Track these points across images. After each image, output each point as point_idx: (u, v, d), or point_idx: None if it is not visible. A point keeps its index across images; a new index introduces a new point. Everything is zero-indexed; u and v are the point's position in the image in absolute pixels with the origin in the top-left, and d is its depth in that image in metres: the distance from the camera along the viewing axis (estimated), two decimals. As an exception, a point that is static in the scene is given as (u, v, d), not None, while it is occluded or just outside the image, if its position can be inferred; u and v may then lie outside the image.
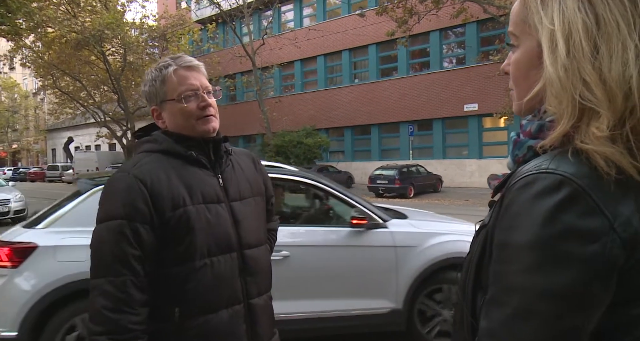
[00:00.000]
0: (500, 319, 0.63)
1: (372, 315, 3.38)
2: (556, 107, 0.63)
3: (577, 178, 0.60)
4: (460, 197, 15.78)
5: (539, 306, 0.59)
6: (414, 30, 16.76)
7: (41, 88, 32.68)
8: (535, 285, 0.60)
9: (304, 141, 21.30)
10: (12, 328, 2.88)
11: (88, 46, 22.20)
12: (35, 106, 46.80)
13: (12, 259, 2.98)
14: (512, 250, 0.62)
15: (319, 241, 3.43)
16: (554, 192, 0.60)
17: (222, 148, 1.36)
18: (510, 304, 0.62)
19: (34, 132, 47.85)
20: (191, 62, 1.33)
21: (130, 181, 1.20)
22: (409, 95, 21.23)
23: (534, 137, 0.71)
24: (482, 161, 19.55)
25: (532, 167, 0.64)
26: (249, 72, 24.10)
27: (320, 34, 23.32)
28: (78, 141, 38.54)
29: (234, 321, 1.27)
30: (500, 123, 18.69)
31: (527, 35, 0.70)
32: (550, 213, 0.59)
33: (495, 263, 0.66)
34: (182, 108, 1.29)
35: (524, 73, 0.72)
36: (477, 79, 18.81)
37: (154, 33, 24.51)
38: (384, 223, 3.46)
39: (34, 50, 24.04)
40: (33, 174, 36.34)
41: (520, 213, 0.62)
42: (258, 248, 1.37)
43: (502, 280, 0.64)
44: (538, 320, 0.59)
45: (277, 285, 3.20)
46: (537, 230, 0.60)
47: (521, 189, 0.63)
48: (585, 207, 0.59)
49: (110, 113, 27.39)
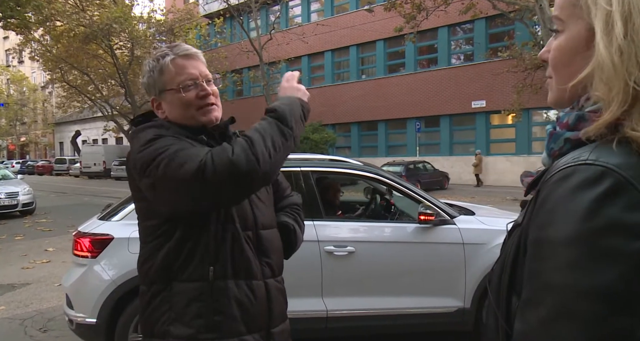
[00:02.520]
0: (536, 321, 0.58)
1: (438, 314, 3.29)
2: (605, 94, 0.59)
3: (620, 169, 0.56)
4: (467, 194, 15.70)
5: (579, 307, 0.54)
6: (422, 26, 16.62)
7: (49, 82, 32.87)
8: (575, 283, 0.54)
9: (310, 137, 21.27)
10: (92, 315, 3.01)
11: (96, 40, 22.27)
12: (43, 99, 47.05)
13: (91, 250, 3.13)
14: (549, 246, 0.58)
15: (385, 237, 3.37)
16: (596, 184, 0.56)
17: (229, 131, 1.35)
18: (547, 304, 0.57)
19: (42, 126, 48.13)
20: (189, 51, 1.30)
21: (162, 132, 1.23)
22: (417, 91, 21.12)
23: (572, 129, 0.66)
24: (489, 158, 19.43)
25: (570, 159, 0.61)
26: (256, 67, 24.06)
27: (328, 29, 23.21)
28: (85, 135, 38.73)
29: (259, 294, 1.29)
30: (507, 121, 18.55)
31: (575, 19, 0.66)
32: (592, 206, 0.55)
33: (530, 262, 0.61)
34: (181, 99, 1.26)
35: (567, 59, 0.68)
36: (485, 76, 18.66)
37: (161, 27, 24.53)
38: (452, 219, 3.35)
39: (43, 43, 24.15)
40: (41, 167, 36.62)
41: (557, 207, 0.58)
42: (271, 229, 1.37)
43: (538, 278, 0.59)
44: (578, 322, 0.54)
45: (341, 280, 3.25)
46: (577, 225, 0.55)
47: (558, 182, 0.59)
48: (631, 199, 0.54)
49: (117, 107, 27.48)
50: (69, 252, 7.19)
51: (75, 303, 3.14)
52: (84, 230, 3.25)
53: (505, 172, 18.67)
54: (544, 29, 11.48)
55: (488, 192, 16.06)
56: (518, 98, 15.48)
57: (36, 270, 6.11)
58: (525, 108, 16.65)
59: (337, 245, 3.21)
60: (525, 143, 18.41)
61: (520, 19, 14.63)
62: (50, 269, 6.15)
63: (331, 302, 3.20)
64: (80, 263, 3.19)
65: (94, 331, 3.03)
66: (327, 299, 3.20)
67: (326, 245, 3.18)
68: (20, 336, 3.90)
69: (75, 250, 3.22)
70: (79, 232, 3.27)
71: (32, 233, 9.02)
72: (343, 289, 3.25)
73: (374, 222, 3.81)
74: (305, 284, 3.17)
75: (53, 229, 9.47)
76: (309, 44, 23.35)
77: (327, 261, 3.18)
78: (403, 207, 3.91)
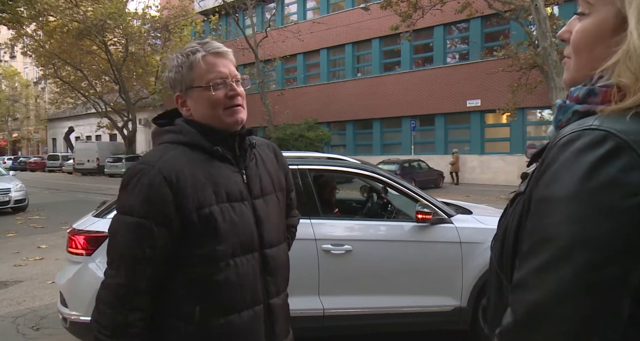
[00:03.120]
0: (533, 268, 0.62)
1: (435, 313, 3.29)
2: (632, 82, 0.61)
3: (621, 133, 0.59)
4: (461, 193, 15.75)
5: (574, 256, 0.58)
6: (418, 25, 16.65)
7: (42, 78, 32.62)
8: (572, 235, 0.59)
9: (305, 134, 21.25)
10: (86, 313, 2.96)
11: (90, 36, 22.13)
12: (36, 95, 46.68)
13: (86, 247, 3.09)
14: (552, 203, 0.62)
15: (383, 235, 3.35)
16: (598, 146, 0.59)
17: (247, 142, 1.31)
18: (545, 253, 0.61)
19: (34, 122, 47.76)
20: (220, 48, 1.27)
21: (155, 178, 1.14)
22: (412, 90, 21.14)
23: (581, 102, 0.68)
24: (483, 157, 19.50)
25: (576, 125, 0.64)
26: (251, 65, 23.98)
27: (324, 27, 23.17)
28: (79, 131, 38.47)
29: (254, 322, 1.23)
30: (502, 120, 18.62)
31: (605, 4, 0.67)
32: (593, 166, 0.59)
33: (533, 218, 0.65)
34: (209, 97, 1.23)
35: (590, 44, 0.69)
36: (480, 75, 18.71)
37: (156, 24, 24.42)
38: (449, 218, 3.34)
39: (35, 39, 23.95)
40: (33, 163, 36.33)
41: (561, 168, 0.62)
42: (278, 246, 1.32)
43: (539, 232, 0.63)
44: (573, 269, 0.58)
45: (339, 279, 3.23)
46: (578, 183, 0.59)
47: (564, 146, 0.63)
48: (629, 160, 0.58)
49: (111, 104, 27.32)
50: (62, 249, 7.13)
51: (69, 301, 3.10)
52: (79, 228, 3.21)
53: (499, 171, 18.75)
54: (539, 28, 11.52)
55: (482, 190, 16.12)
56: (513, 97, 15.54)
57: (29, 268, 6.05)
58: (520, 108, 16.73)
59: (335, 244, 3.20)
60: (519, 142, 18.49)
61: (515, 19, 14.68)
62: (43, 266, 6.10)
63: (328, 301, 3.19)
64: (75, 260, 3.15)
65: (88, 330, 2.99)
66: (324, 298, 3.19)
67: (323, 244, 3.17)
68: (13, 334, 3.86)
69: (69, 247, 3.18)
70: (73, 229, 3.23)
71: (24, 230, 8.94)
72: (340, 288, 3.25)
73: (372, 220, 3.79)
74: (302, 283, 3.15)
75: (46, 226, 9.39)
76: (304, 42, 23.31)
77: (324, 259, 3.17)
78: (400, 206, 3.90)
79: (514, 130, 18.61)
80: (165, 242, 1.14)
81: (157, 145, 1.27)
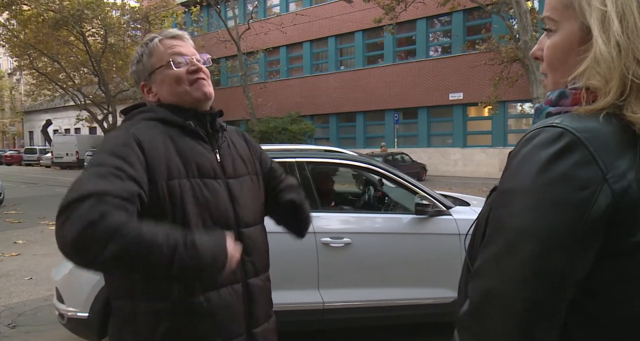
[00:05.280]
0: (487, 257, 0.67)
1: (434, 305, 3.29)
2: (602, 85, 0.66)
3: (577, 131, 0.63)
4: (444, 185, 15.90)
5: (523, 245, 0.63)
6: (401, 18, 16.66)
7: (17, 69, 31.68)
8: (523, 225, 0.63)
9: (288, 127, 21.17)
10: (83, 309, 2.93)
11: (67, 26, 21.55)
12: (10, 87, 45.37)
13: None
14: (510, 195, 0.67)
15: (382, 228, 3.34)
16: (554, 143, 0.64)
17: (217, 123, 1.30)
18: (498, 242, 0.65)
19: (9, 114, 46.50)
20: (176, 32, 1.30)
21: (128, 138, 1.10)
22: (395, 83, 21.20)
23: (554, 104, 0.74)
24: (465, 150, 19.71)
25: (540, 123, 0.69)
26: (233, 57, 23.73)
27: (307, 20, 23.02)
28: (57, 124, 37.61)
29: (233, 300, 1.21)
30: (484, 113, 18.83)
31: (568, 19, 0.72)
32: (547, 161, 0.63)
33: (493, 210, 0.70)
34: (171, 74, 1.23)
35: (563, 57, 0.74)
36: (463, 68, 18.85)
37: (136, 15, 23.90)
38: (448, 210, 3.34)
39: (9, 28, 23.21)
40: (9, 157, 35.43)
41: (521, 162, 0.66)
42: (254, 227, 1.31)
43: (495, 222, 0.68)
44: (521, 257, 0.62)
45: (338, 272, 3.22)
46: (533, 177, 0.64)
47: (526, 141, 0.68)
48: (580, 156, 0.62)
49: (90, 96, 26.74)
50: (40, 244, 6.98)
51: (66, 297, 3.04)
52: None
53: (481, 164, 18.99)
54: (520, 22, 11.63)
55: (465, 183, 16.31)
56: (494, 90, 15.71)
57: (5, 264, 5.90)
58: (501, 101, 16.93)
59: (334, 237, 3.18)
60: (501, 135, 18.73)
61: (497, 12, 14.79)
62: (20, 262, 5.95)
63: (328, 294, 3.18)
64: None
65: (86, 326, 2.95)
66: (324, 291, 3.17)
67: (322, 237, 3.15)
68: (-11, 332, 3.76)
69: None
70: None
71: (0, 225, 8.72)
72: (339, 281, 3.24)
73: (371, 213, 3.78)
74: (301, 276, 3.15)
75: (23, 221, 9.17)
76: (287, 34, 23.13)
77: (323, 253, 3.15)
78: (396, 198, 3.89)
79: (495, 123, 18.84)
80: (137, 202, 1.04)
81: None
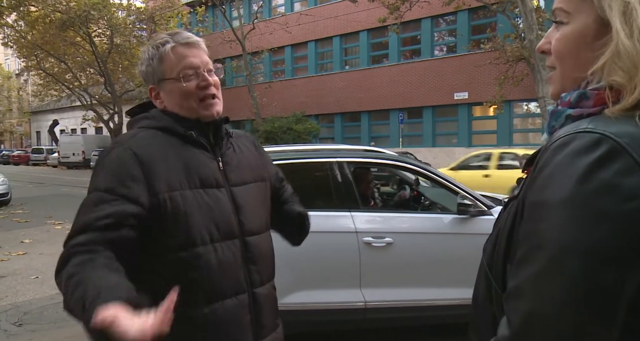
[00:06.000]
0: (528, 276, 0.60)
1: None
2: (626, 80, 0.61)
3: (616, 136, 0.58)
4: (448, 186, 15.89)
5: (569, 263, 0.57)
6: (406, 17, 16.59)
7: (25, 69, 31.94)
8: (567, 241, 0.57)
9: (293, 127, 21.17)
10: None
11: (73, 27, 21.68)
12: (18, 87, 45.71)
13: None
14: (545, 207, 0.60)
15: (423, 228, 3.34)
16: (592, 150, 0.58)
17: (222, 130, 1.29)
18: (539, 260, 0.59)
19: (17, 114, 46.82)
20: (190, 38, 1.24)
21: (124, 153, 1.11)
22: (400, 82, 21.15)
23: (573, 106, 0.68)
24: (471, 150, 19.59)
25: (569, 128, 0.63)
26: (238, 57, 23.76)
27: (311, 19, 23.01)
28: (64, 124, 37.84)
29: (238, 311, 1.20)
30: (489, 113, 18.73)
31: (583, 11, 0.67)
32: (587, 170, 0.57)
33: (526, 223, 0.63)
34: (181, 88, 1.21)
35: (574, 51, 0.69)
36: (468, 68, 18.77)
37: (141, 15, 24.01)
38: (489, 210, 3.34)
39: (17, 29, 23.40)
40: (17, 157, 35.73)
41: (555, 171, 0.60)
42: (260, 235, 1.29)
43: (533, 238, 0.61)
44: (567, 277, 0.57)
45: (380, 272, 3.26)
46: (572, 187, 0.58)
47: (557, 149, 0.62)
48: (624, 164, 0.57)
49: (96, 97, 26.89)
50: (47, 243, 7.05)
51: None
52: None
53: (486, 164, 18.89)
54: (526, 21, 11.57)
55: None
56: (500, 90, 15.63)
57: (11, 263, 5.96)
58: (507, 100, 16.83)
59: (376, 236, 3.20)
60: (506, 135, 18.64)
61: (502, 11, 14.72)
62: (27, 261, 6.02)
63: (369, 293, 3.19)
64: None
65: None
66: (366, 290, 3.19)
67: (364, 236, 3.18)
68: (-5, 330, 3.80)
69: None
70: None
71: (7, 225, 8.80)
72: (381, 280, 3.26)
73: (412, 213, 3.80)
74: (343, 275, 3.18)
75: (30, 220, 9.26)
76: (292, 34, 23.13)
77: (365, 252, 3.17)
78: (434, 197, 3.91)
79: (500, 123, 18.75)
80: (133, 221, 1.06)
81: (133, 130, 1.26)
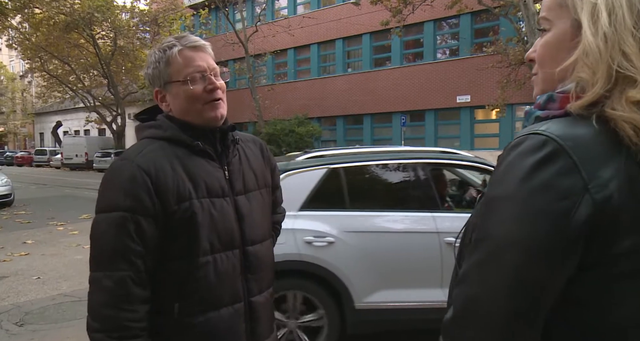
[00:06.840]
0: (472, 264, 0.67)
1: None
2: (590, 76, 0.66)
3: (561, 139, 0.63)
4: (450, 189, 15.86)
5: (506, 254, 0.63)
6: (408, 20, 16.63)
7: (29, 71, 32.13)
8: (505, 234, 0.63)
9: (295, 130, 21.19)
10: None
11: (77, 29, 21.81)
12: (22, 89, 45.93)
13: None
14: (494, 202, 0.67)
15: None
16: (537, 151, 0.63)
17: (229, 138, 1.30)
18: (482, 251, 0.66)
19: (21, 116, 47.03)
20: (197, 42, 1.25)
21: (134, 170, 1.13)
22: (402, 85, 21.17)
23: (542, 108, 0.74)
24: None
25: (526, 129, 0.69)
26: (241, 59, 23.82)
27: (314, 22, 23.07)
28: (67, 126, 37.98)
29: (234, 320, 1.22)
30: (492, 116, 18.73)
31: (562, 17, 0.73)
32: (530, 169, 0.63)
33: (478, 216, 0.71)
34: (187, 91, 1.22)
35: (553, 54, 0.74)
36: (470, 71, 18.78)
37: (145, 17, 24.12)
38: None
39: (21, 31, 23.54)
40: (20, 158, 35.86)
41: (506, 170, 0.66)
42: (261, 243, 1.31)
43: (481, 229, 0.68)
44: (503, 267, 0.63)
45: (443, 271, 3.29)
46: (516, 185, 0.64)
47: (511, 149, 0.68)
48: (563, 165, 0.62)
49: (100, 98, 27.01)
50: (49, 244, 7.07)
51: None
52: None
53: (488, 167, 18.86)
54: (528, 25, 11.58)
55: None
56: (502, 93, 15.63)
57: (14, 263, 5.98)
58: (509, 104, 16.83)
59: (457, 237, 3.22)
60: (508, 138, 18.60)
61: (504, 15, 14.74)
62: (29, 262, 6.04)
63: None
64: None
65: None
66: (447, 290, 3.20)
67: (446, 237, 3.22)
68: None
69: None
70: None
71: (10, 225, 8.83)
72: (444, 281, 3.28)
73: None
74: (425, 275, 3.22)
75: (32, 221, 9.28)
76: (295, 37, 23.19)
77: (446, 252, 3.21)
78: None
79: (503, 126, 18.74)
80: (154, 233, 1.13)
81: (139, 140, 1.27)
